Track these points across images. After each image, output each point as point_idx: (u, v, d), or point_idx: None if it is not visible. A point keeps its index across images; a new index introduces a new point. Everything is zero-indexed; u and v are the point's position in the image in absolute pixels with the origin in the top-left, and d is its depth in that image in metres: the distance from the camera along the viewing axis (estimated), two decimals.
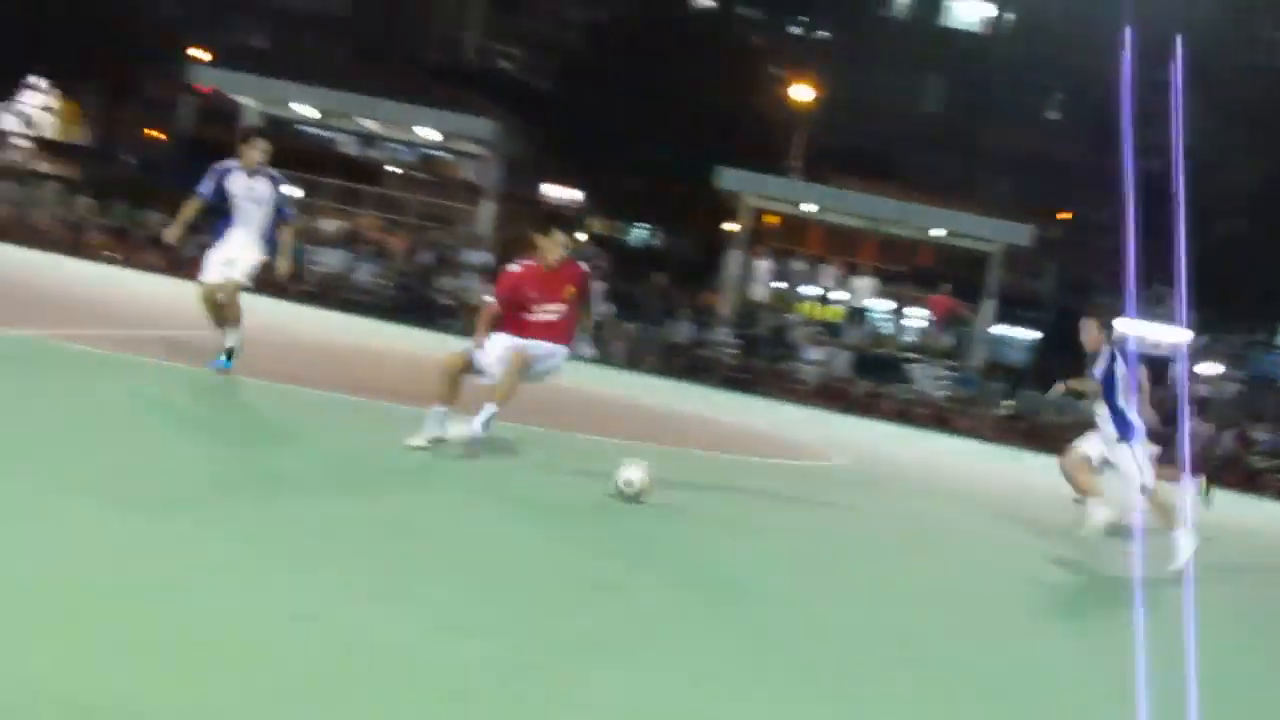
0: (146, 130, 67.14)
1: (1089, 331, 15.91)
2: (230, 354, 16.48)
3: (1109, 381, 15.87)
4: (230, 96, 50.57)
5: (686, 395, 35.96)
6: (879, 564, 12.45)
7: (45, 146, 70.84)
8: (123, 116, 70.22)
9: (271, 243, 17.22)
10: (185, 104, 60.17)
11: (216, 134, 53.32)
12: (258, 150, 16.74)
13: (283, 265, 17.28)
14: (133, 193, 50.58)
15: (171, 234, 17.07)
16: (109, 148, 70.89)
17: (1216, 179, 67.20)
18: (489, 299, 14.43)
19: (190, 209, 16.73)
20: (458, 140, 54.09)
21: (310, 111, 52.36)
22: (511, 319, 14.23)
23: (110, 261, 45.64)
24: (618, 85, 64.95)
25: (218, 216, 17.11)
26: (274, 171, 17.15)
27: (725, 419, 27.95)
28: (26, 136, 70.00)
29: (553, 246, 14.18)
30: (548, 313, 14.27)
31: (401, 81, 73.10)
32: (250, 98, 50.57)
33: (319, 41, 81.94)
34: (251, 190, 17.07)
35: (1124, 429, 15.83)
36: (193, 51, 55.53)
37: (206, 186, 16.88)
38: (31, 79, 66.29)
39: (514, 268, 14.32)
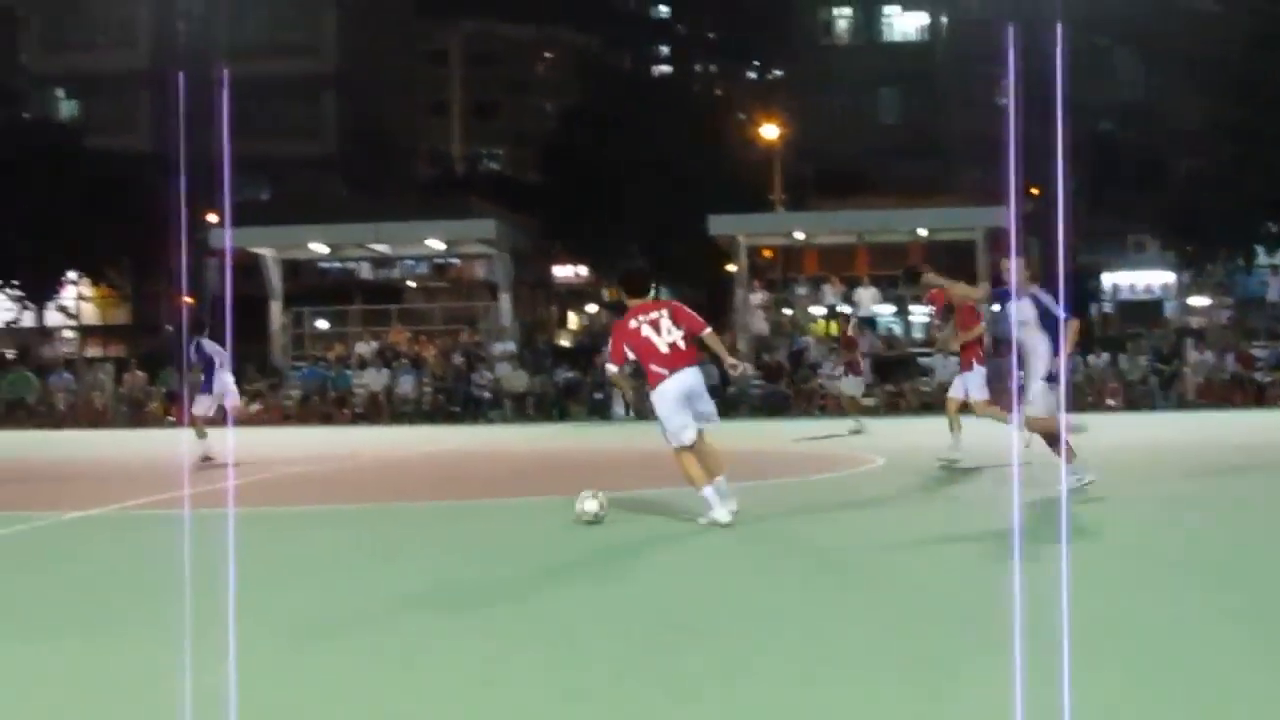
0: (178, 298, 67.42)
1: (1024, 268, 15.88)
2: None
3: (1046, 318, 15.80)
4: (249, 250, 50.78)
5: (727, 433, 35.84)
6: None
7: (90, 332, 71.25)
8: (155, 290, 70.56)
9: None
10: (209, 266, 60.41)
11: (244, 288, 53.57)
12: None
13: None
14: (177, 358, 50.84)
15: (200, 409, 24.62)
16: (148, 321, 71.22)
17: (1170, 125, 67.23)
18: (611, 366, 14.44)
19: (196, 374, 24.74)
20: (465, 244, 54.32)
21: (323, 248, 52.62)
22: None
23: (171, 425, 45.82)
24: (599, 161, 65.19)
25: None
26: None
27: (790, 448, 27.89)
28: (72, 327, 70.41)
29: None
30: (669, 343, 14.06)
31: (401, 202, 73.49)
32: (266, 247, 50.77)
33: (316, 182, 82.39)
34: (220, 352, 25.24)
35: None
36: (209, 217, 55.80)
37: (193, 356, 25.10)
38: (68, 274, 66.75)
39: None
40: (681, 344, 14.02)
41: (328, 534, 14.82)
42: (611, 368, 14.50)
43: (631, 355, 14.02)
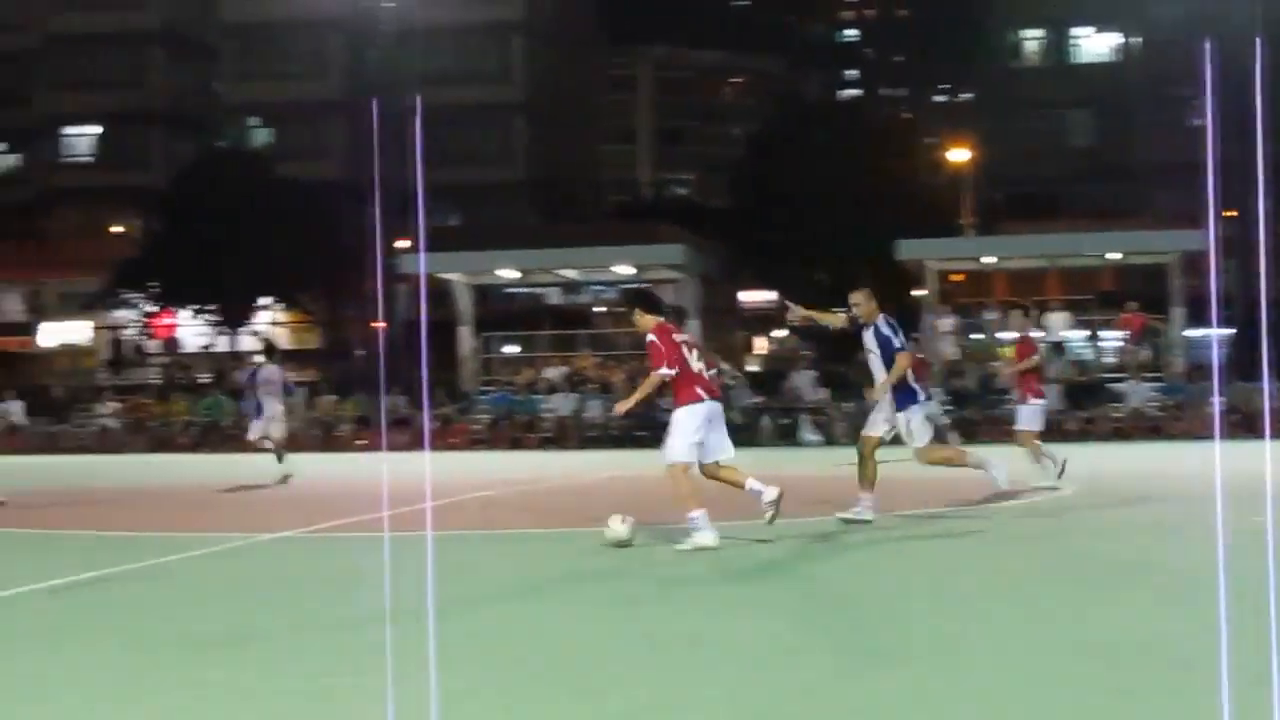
0: (371, 323, 68.32)
1: (863, 302, 16.38)
2: None
3: (886, 349, 16.28)
4: (439, 276, 51.29)
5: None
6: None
7: (283, 358, 72.44)
8: (346, 315, 71.55)
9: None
10: (401, 293, 61.06)
11: (435, 313, 54.10)
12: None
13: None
14: (369, 383, 51.40)
15: (253, 434, 28.90)
16: (339, 346, 72.23)
17: None
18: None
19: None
20: (653, 269, 54.36)
21: (512, 273, 52.95)
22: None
23: (362, 449, 46.35)
24: (787, 186, 65.08)
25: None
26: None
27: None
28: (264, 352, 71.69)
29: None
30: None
31: (590, 227, 73.86)
32: (457, 273, 51.25)
33: (505, 208, 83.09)
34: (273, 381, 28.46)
35: (902, 397, 16.34)
36: (400, 243, 56.51)
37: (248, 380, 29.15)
38: (261, 299, 67.94)
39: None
40: (706, 373, 15.20)
41: (514, 557, 14.91)
42: (668, 371, 15.23)
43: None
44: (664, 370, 14.96)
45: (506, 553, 15.54)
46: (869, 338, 16.34)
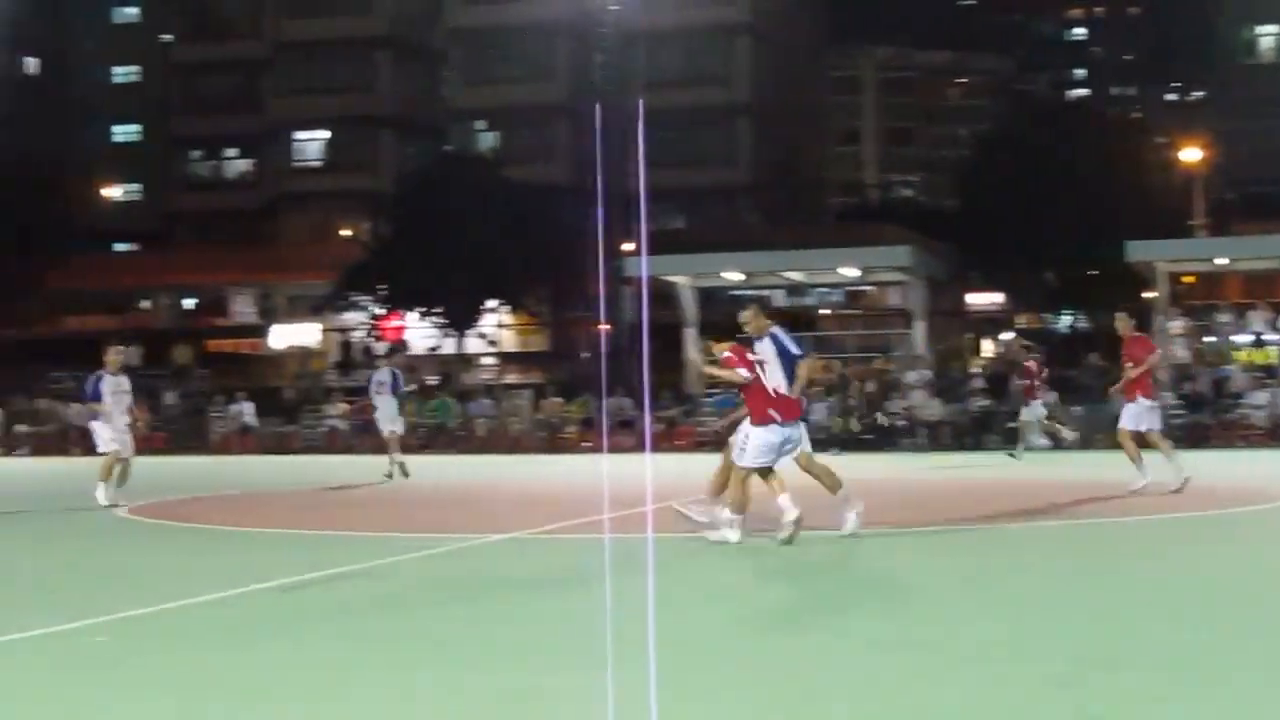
0: (595, 325, 68.79)
1: (751, 319, 16.81)
2: None
3: (786, 358, 16.62)
4: (664, 278, 51.48)
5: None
6: None
7: (509, 359, 73.06)
8: (572, 317, 72.04)
9: None
10: (626, 295, 61.37)
11: (659, 315, 54.26)
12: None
13: None
14: (594, 385, 51.70)
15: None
16: (565, 348, 72.74)
17: None
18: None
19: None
20: (878, 271, 54.14)
21: (737, 275, 52.94)
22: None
23: (588, 451, 46.69)
24: (1014, 187, 64.34)
25: None
26: None
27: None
28: (491, 354, 72.29)
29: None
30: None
31: (814, 229, 73.68)
32: (681, 275, 51.40)
33: (729, 210, 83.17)
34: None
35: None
36: (625, 245, 56.81)
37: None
38: (488, 302, 68.58)
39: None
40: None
41: (721, 559, 14.97)
42: (744, 374, 16.23)
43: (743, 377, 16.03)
44: (743, 374, 16.37)
45: (725, 552, 15.52)
46: (762, 348, 16.60)
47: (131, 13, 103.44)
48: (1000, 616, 10.63)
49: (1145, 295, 53.81)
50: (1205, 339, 49.68)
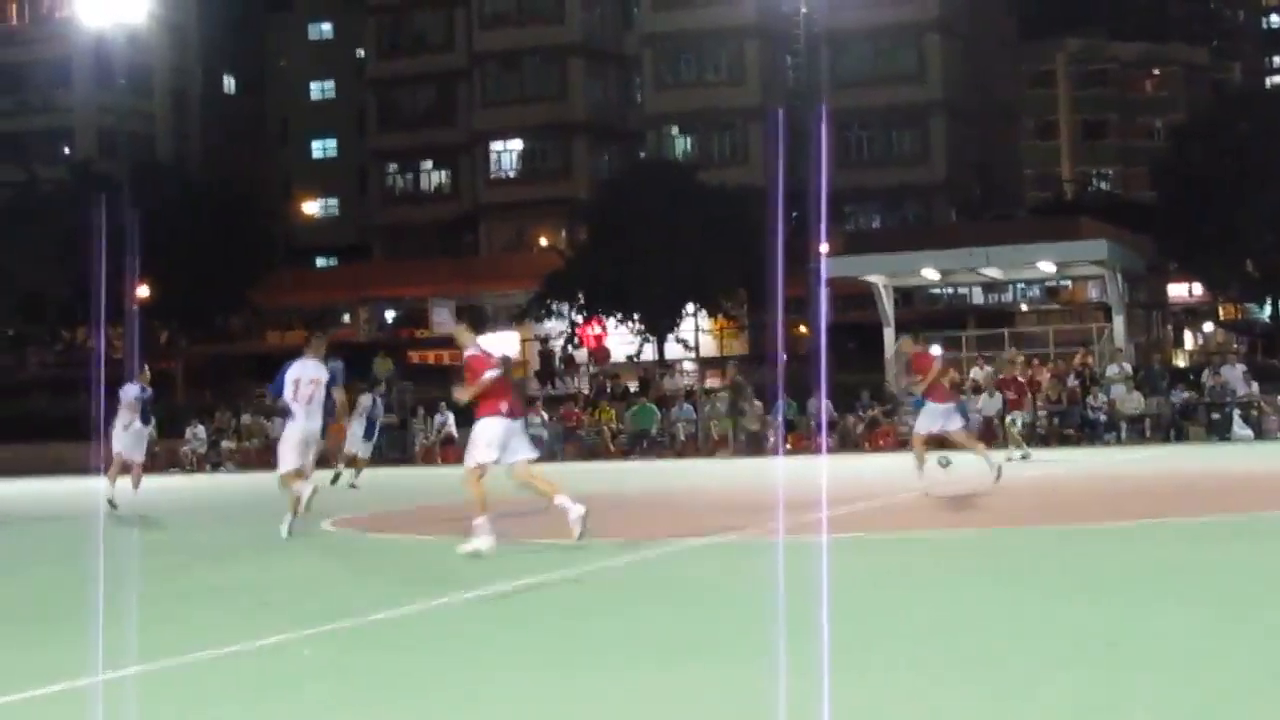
0: (795, 328, 69.01)
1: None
2: None
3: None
4: (862, 278, 51.74)
5: None
6: None
7: (708, 364, 73.39)
8: (770, 320, 72.23)
9: None
10: (824, 296, 61.63)
11: (858, 316, 54.52)
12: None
13: None
14: (794, 388, 51.96)
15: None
16: (764, 351, 72.99)
17: None
18: None
19: None
20: (1076, 266, 54.00)
21: (934, 274, 53.13)
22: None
23: (790, 454, 47.12)
24: (1212, 177, 63.62)
25: None
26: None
27: None
28: (691, 359, 72.70)
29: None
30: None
31: (1011, 225, 73.43)
32: (879, 274, 51.63)
33: (926, 208, 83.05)
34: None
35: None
36: (821, 247, 57.08)
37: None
38: (686, 306, 68.74)
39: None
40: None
41: (931, 556, 15.28)
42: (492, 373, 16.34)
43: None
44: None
45: (923, 553, 15.91)
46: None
47: (326, 29, 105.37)
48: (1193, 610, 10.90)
49: None
50: None
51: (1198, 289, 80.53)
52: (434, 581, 13.99)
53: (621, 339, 70.35)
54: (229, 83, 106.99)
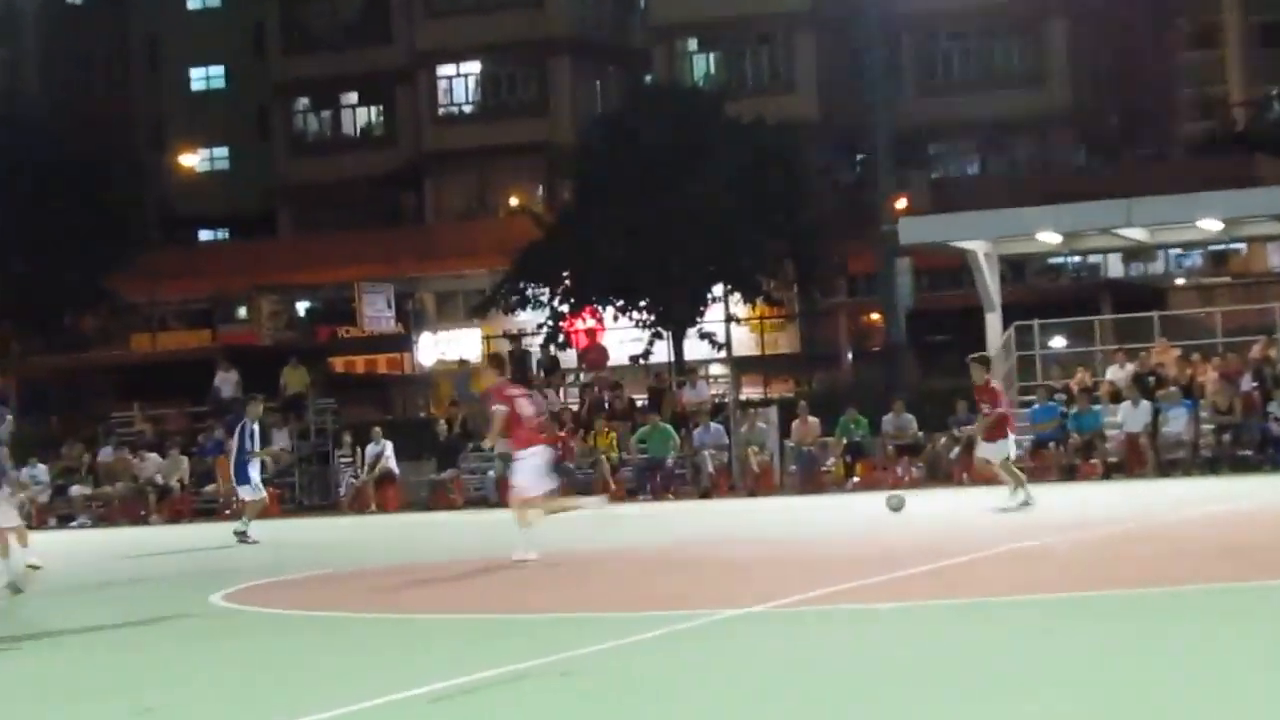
0: (864, 317, 68.89)
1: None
2: None
3: None
4: (953, 245, 51.53)
5: None
6: None
7: (744, 366, 73.06)
8: (829, 307, 72.24)
9: None
10: (899, 269, 61.36)
11: (949, 297, 54.32)
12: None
13: None
14: (862, 397, 51.74)
15: None
16: (821, 348, 72.86)
17: None
18: None
19: None
20: (1251, 223, 53.66)
21: (1054, 237, 52.82)
22: None
23: (856, 488, 47.08)
24: None
25: None
26: None
27: None
28: (719, 360, 72.31)
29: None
30: None
31: (1161, 169, 73.29)
32: (976, 239, 51.34)
33: (1041, 147, 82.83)
34: None
35: None
36: (898, 202, 56.88)
37: None
38: (713, 289, 68.03)
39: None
40: None
41: (1064, 624, 15.25)
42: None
43: None
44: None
45: (1071, 617, 15.83)
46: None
47: None
48: None
49: None
50: None
51: None
52: (382, 672, 14.16)
53: (624, 335, 70.03)
54: None
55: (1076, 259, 66.62)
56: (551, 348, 68.68)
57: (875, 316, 67.11)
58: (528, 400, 21.60)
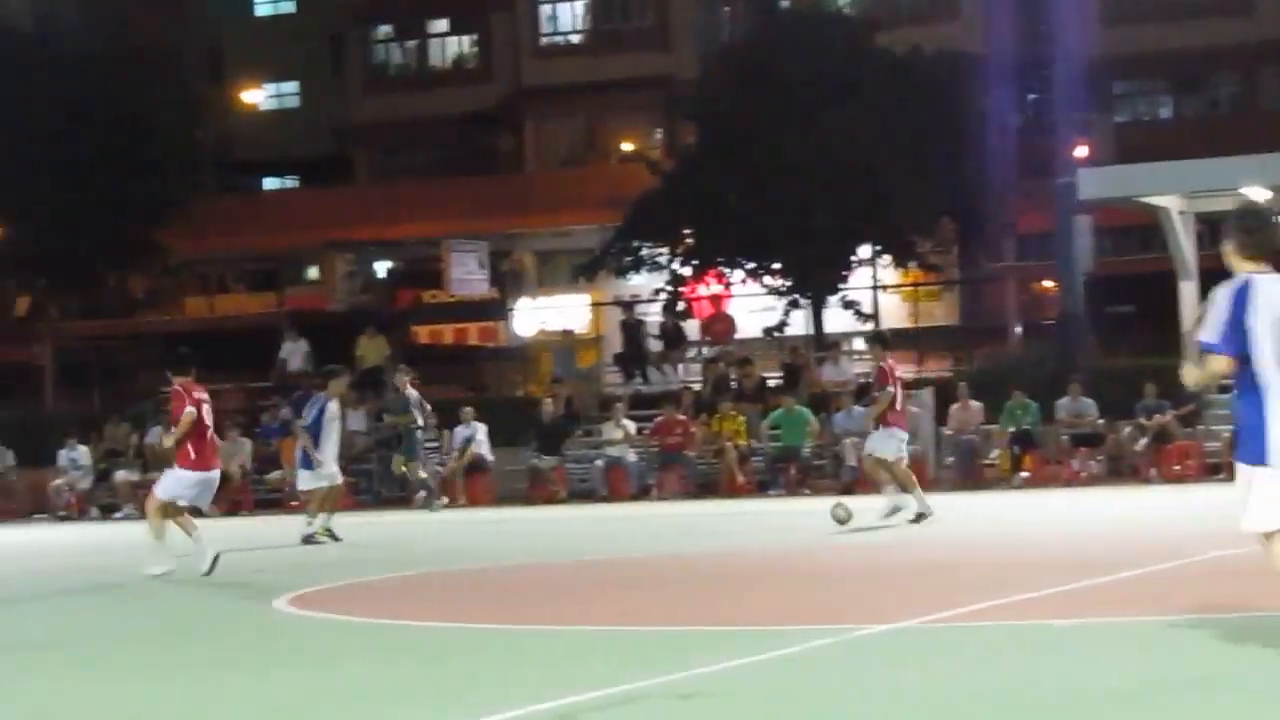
0: (1035, 284, 68.57)
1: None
2: None
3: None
4: (1141, 200, 51.16)
5: None
6: None
7: (896, 341, 72.84)
8: (995, 274, 72.03)
9: None
10: (1079, 229, 61.06)
11: (1137, 262, 53.94)
12: None
13: None
14: (1033, 380, 51.45)
15: None
16: (986, 320, 72.67)
17: None
18: None
19: None
20: None
21: (1264, 192, 52.32)
22: None
23: (1021, 486, 46.92)
24: None
25: None
26: None
27: None
28: (864, 334, 72.12)
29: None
30: None
31: None
32: (1170, 196, 50.91)
33: (1241, 81, 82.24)
34: None
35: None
36: (1077, 150, 56.54)
37: None
38: (858, 251, 67.69)
39: None
40: None
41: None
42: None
43: None
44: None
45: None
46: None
47: None
48: None
49: None
50: None
51: None
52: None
53: (754, 303, 69.94)
54: None
55: None
56: (669, 317, 68.38)
57: (1048, 284, 66.76)
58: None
